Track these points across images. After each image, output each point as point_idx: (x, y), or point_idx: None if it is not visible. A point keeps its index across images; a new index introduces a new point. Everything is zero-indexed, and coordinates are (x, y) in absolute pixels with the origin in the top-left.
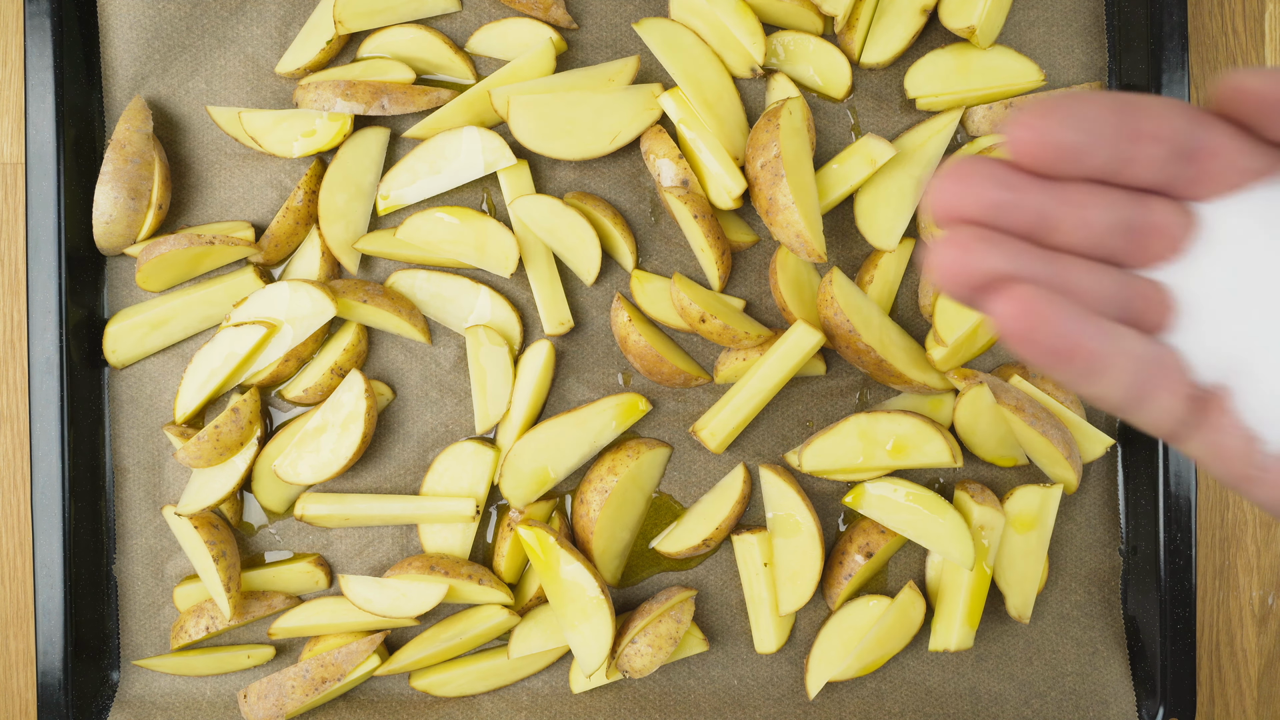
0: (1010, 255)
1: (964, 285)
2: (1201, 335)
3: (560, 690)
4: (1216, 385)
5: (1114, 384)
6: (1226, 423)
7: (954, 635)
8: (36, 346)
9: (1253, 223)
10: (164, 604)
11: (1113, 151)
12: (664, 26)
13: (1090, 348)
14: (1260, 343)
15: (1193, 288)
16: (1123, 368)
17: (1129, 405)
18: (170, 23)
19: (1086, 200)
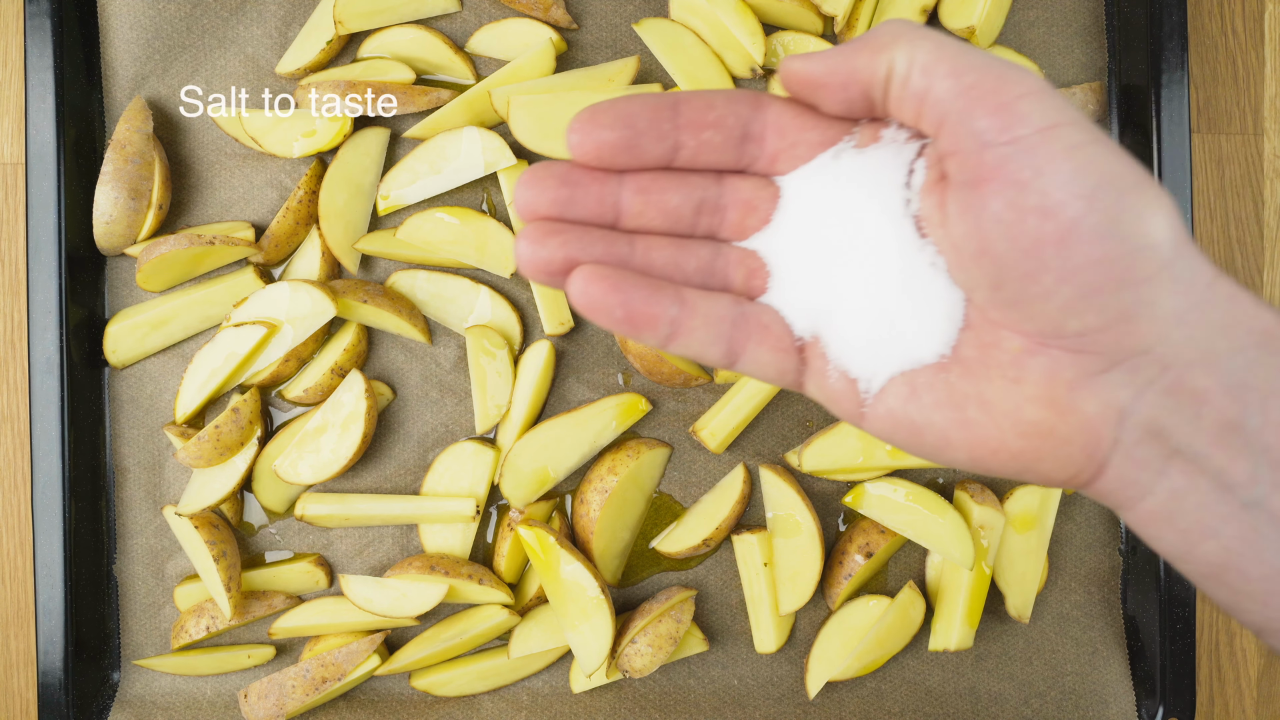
0: (574, 242)
1: (540, 272)
2: (792, 293)
3: (560, 690)
4: (813, 336)
5: (701, 344)
6: (828, 369)
7: (954, 635)
8: (37, 346)
9: (818, 186)
10: (164, 604)
11: (662, 142)
12: (664, 27)
13: (657, 313)
14: (836, 293)
15: (780, 251)
16: (706, 329)
17: (727, 361)
18: (170, 23)
19: (656, 186)
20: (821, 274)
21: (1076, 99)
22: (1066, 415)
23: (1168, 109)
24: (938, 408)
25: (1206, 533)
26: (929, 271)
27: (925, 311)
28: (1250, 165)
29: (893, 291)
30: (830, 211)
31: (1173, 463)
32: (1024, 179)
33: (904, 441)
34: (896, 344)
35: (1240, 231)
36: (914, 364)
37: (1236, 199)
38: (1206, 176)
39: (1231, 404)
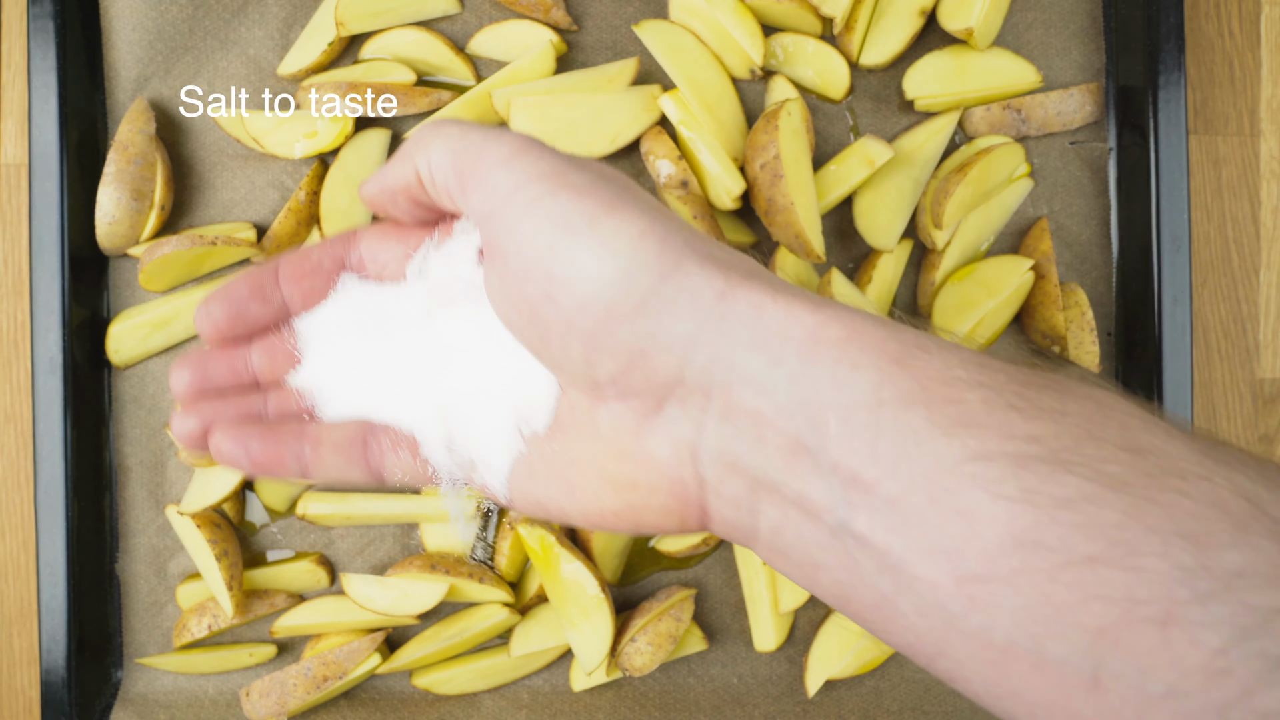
0: (209, 410)
1: (191, 443)
2: (337, 409)
3: (561, 688)
4: (447, 439)
5: (339, 470)
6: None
7: None
8: (40, 347)
9: (329, 321)
10: (166, 602)
11: (269, 304)
12: (664, 28)
13: (281, 455)
14: (373, 401)
15: (312, 380)
16: (337, 456)
17: (373, 479)
18: (173, 25)
19: (279, 343)
20: (428, 379)
21: (1074, 100)
22: (642, 463)
23: (1165, 110)
24: (550, 480)
25: (815, 564)
26: (514, 350)
27: (521, 391)
28: (1247, 166)
29: (491, 380)
30: (414, 318)
31: (760, 495)
32: (505, 246)
33: (547, 518)
34: (507, 429)
35: (1237, 232)
36: (524, 444)
37: (1233, 200)
38: (1203, 177)
39: (789, 423)
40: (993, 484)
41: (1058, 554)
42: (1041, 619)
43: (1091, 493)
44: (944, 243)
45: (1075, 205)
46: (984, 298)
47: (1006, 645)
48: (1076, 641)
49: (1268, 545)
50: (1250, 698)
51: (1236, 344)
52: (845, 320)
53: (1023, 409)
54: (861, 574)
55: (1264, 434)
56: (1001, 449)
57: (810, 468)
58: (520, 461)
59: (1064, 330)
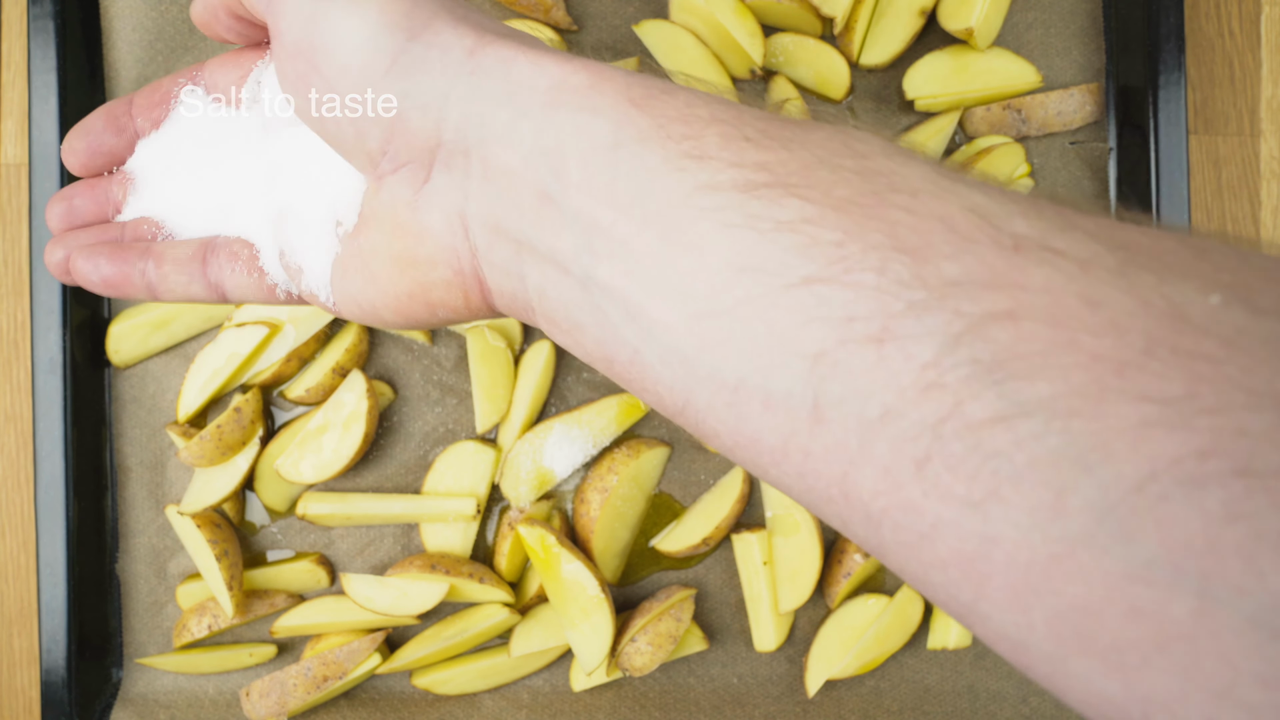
0: (71, 240)
1: (56, 271)
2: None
3: (561, 688)
4: (279, 248)
5: (182, 287)
6: (302, 277)
7: (952, 633)
8: (40, 347)
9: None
10: (166, 602)
11: (122, 134)
12: (664, 28)
13: (128, 272)
14: (213, 219)
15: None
16: (179, 272)
17: (215, 294)
18: (173, 25)
19: None
20: (261, 194)
21: (1074, 100)
22: (421, 237)
23: (1165, 110)
24: (358, 274)
25: (576, 325)
26: (320, 151)
27: (335, 194)
28: (1247, 166)
29: (312, 189)
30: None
31: (523, 257)
32: (280, 30)
33: (360, 317)
34: (324, 233)
35: (1237, 232)
36: (337, 244)
37: (1233, 200)
38: (1204, 177)
39: (537, 173)
40: (718, 213)
41: (777, 277)
42: (765, 350)
43: (814, 214)
44: None
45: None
46: None
47: (738, 384)
48: (798, 370)
49: (989, 254)
50: (961, 409)
51: None
52: (591, 70)
53: (758, 140)
54: (612, 327)
55: None
56: (730, 178)
57: (557, 218)
58: (336, 262)
59: None
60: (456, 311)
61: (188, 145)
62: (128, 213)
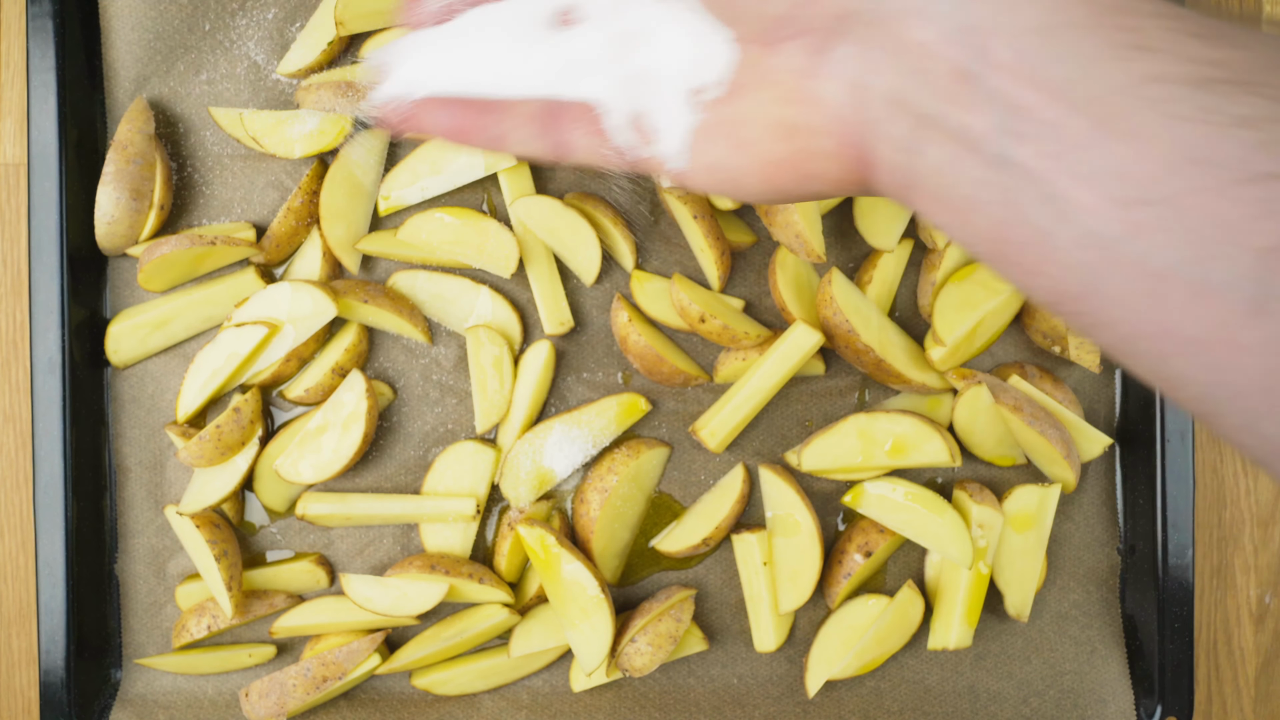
0: None
1: (396, 120)
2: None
3: (560, 689)
4: (629, 114)
5: (524, 142)
6: (648, 141)
7: (953, 634)
8: (39, 347)
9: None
10: (166, 603)
11: None
12: None
13: (482, 122)
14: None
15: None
16: (524, 127)
17: (559, 153)
18: (172, 24)
19: None
20: (617, 54)
21: None
22: (811, 106)
23: None
24: (723, 140)
25: (971, 205)
26: (697, 18)
27: (698, 60)
28: None
29: (671, 54)
30: None
31: (923, 133)
32: None
33: (714, 186)
34: (683, 98)
35: None
36: (700, 111)
37: None
38: None
39: (955, 51)
40: (1166, 104)
41: (1230, 171)
42: (1206, 240)
43: (1276, 113)
44: (944, 243)
45: None
46: (984, 298)
47: (1165, 272)
48: (1242, 263)
49: None
50: None
51: None
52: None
53: (1207, 37)
54: (1019, 208)
55: None
56: (1180, 71)
57: (973, 96)
58: (697, 129)
59: (1065, 330)
60: (829, 184)
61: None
62: (452, 75)
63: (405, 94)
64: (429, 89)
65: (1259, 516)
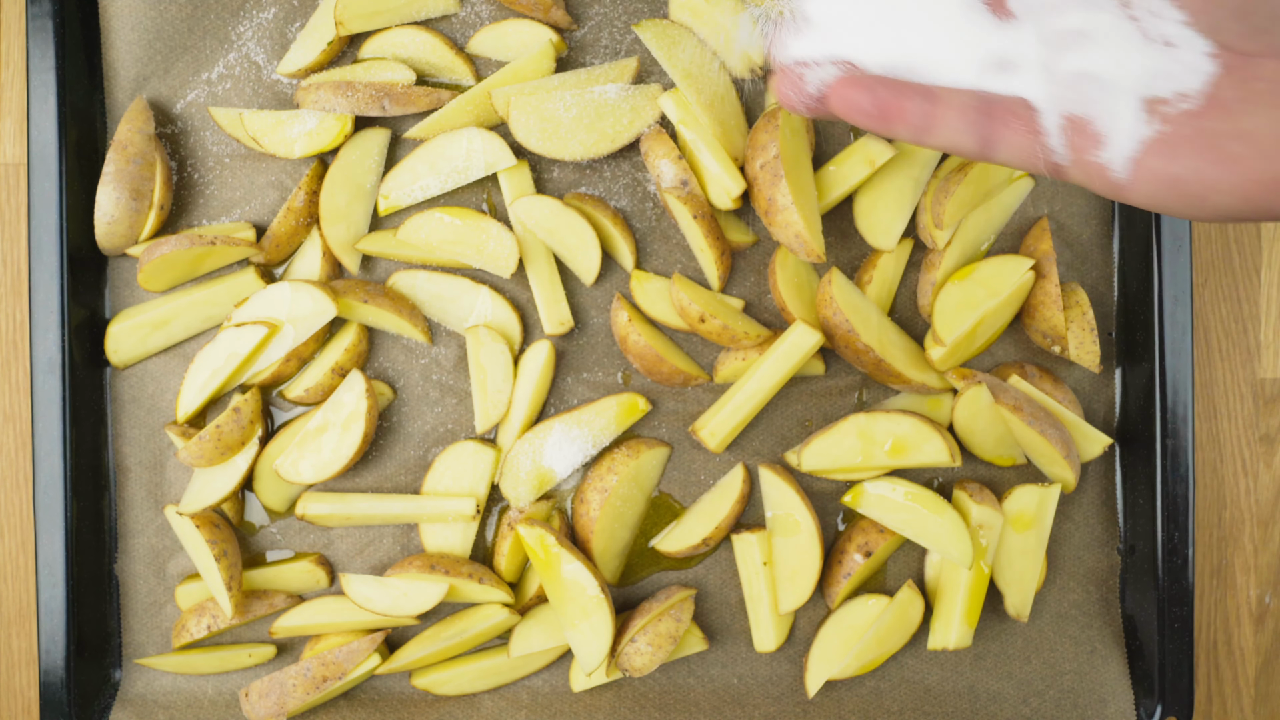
0: None
1: (799, 100)
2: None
3: (560, 689)
4: (1064, 116)
5: (953, 134)
6: (1089, 149)
7: (952, 634)
8: (39, 346)
9: None
10: (166, 603)
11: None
12: (663, 27)
13: (905, 105)
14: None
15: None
16: (957, 119)
17: (982, 149)
18: (172, 24)
19: None
20: (1057, 53)
21: None
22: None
23: None
24: (1196, 154)
25: None
26: (1167, 26)
27: (1164, 67)
28: None
29: (1129, 58)
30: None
31: None
32: None
33: (1166, 200)
34: (1138, 107)
35: (1238, 231)
36: (1161, 123)
37: None
38: None
39: None
40: None
41: None
42: None
43: None
44: (944, 242)
45: (1076, 205)
46: (984, 297)
47: None
48: None
49: None
50: None
51: (1237, 343)
52: None
53: None
54: None
55: (1265, 434)
56: None
57: None
58: (1154, 140)
59: (1065, 330)
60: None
61: None
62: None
63: (821, 58)
64: (851, 58)
65: (1259, 516)
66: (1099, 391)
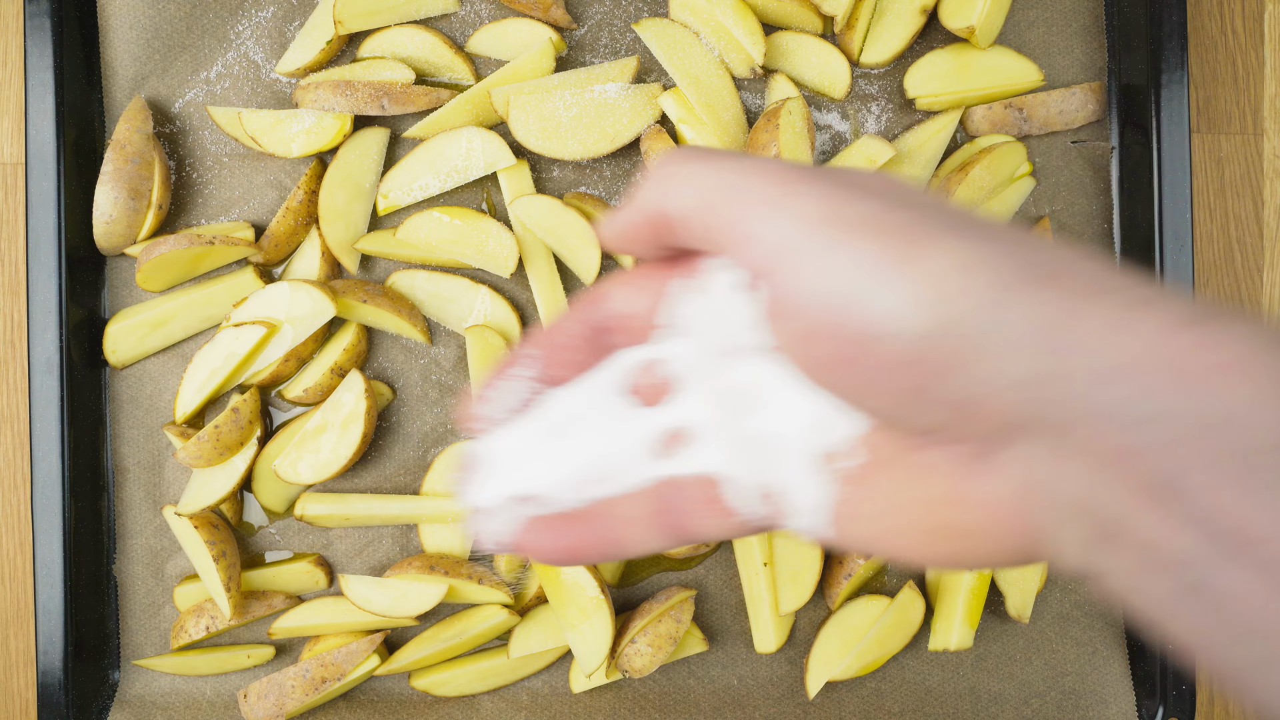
0: None
1: (494, 545)
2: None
3: (560, 690)
4: (758, 491)
5: (645, 542)
6: (781, 515)
7: (953, 635)
8: (37, 346)
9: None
10: (164, 604)
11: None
12: (664, 27)
13: (593, 540)
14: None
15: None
16: (640, 529)
17: (680, 541)
18: (170, 23)
19: None
20: (731, 428)
21: (1076, 98)
22: (969, 509)
23: (1167, 109)
24: (869, 522)
25: (1171, 614)
26: (811, 391)
27: (825, 431)
28: (1250, 165)
29: (792, 423)
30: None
31: (1105, 540)
32: (797, 303)
33: (873, 553)
34: (815, 471)
35: (1240, 231)
36: (836, 485)
37: (1236, 199)
38: (1206, 176)
39: (1155, 462)
40: None
41: None
42: None
43: None
44: None
45: (1077, 204)
46: None
47: None
48: None
49: None
50: None
51: None
52: (1227, 342)
53: None
54: (1227, 633)
55: None
56: None
57: (1172, 515)
58: (840, 503)
59: None
60: (990, 557)
61: (612, 394)
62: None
63: (503, 499)
64: (532, 492)
65: None
66: None
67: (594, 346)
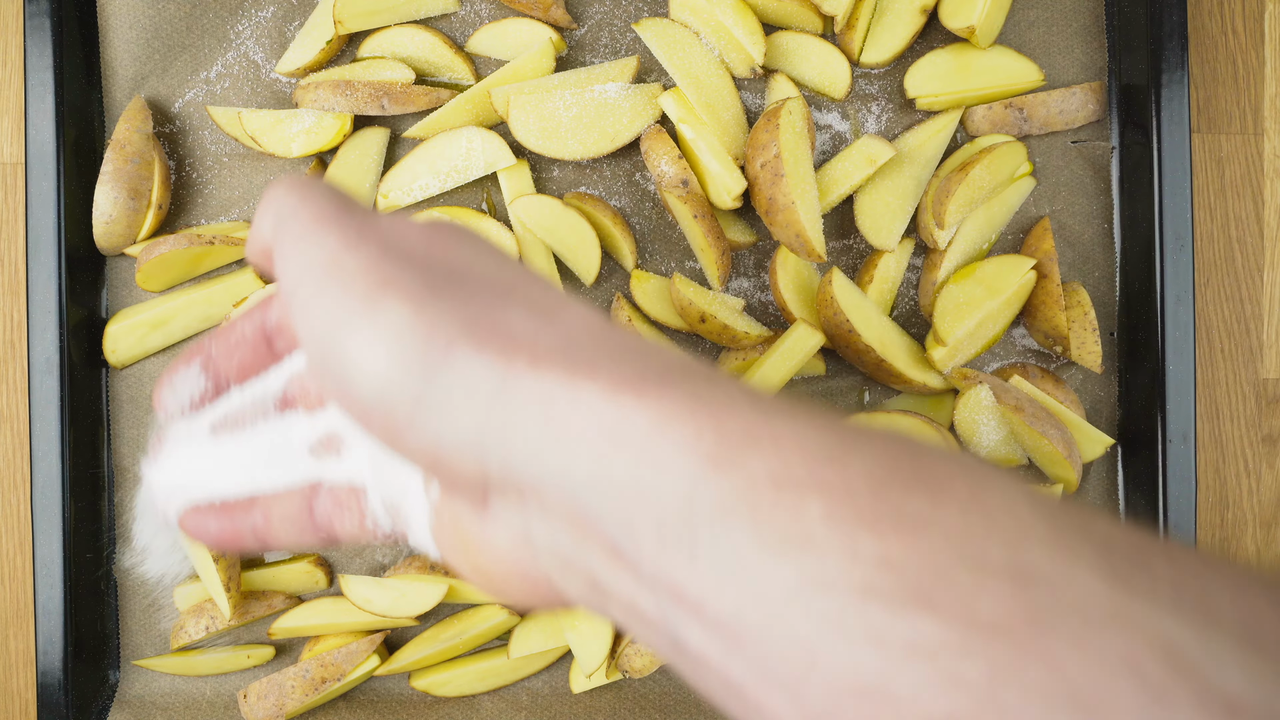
0: None
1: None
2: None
3: (560, 690)
4: (388, 502)
5: (291, 539)
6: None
7: None
8: (36, 346)
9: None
10: (164, 604)
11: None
12: (664, 26)
13: (240, 529)
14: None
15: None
16: (288, 525)
17: (329, 543)
18: (170, 23)
19: None
20: (369, 442)
21: (1077, 98)
22: (486, 550)
23: (1168, 108)
24: (452, 550)
25: (681, 669)
26: None
27: None
28: (1250, 165)
29: None
30: None
31: (600, 592)
32: (302, 340)
33: (474, 582)
34: (419, 492)
35: (1240, 231)
36: (432, 514)
37: (1236, 199)
38: (1206, 176)
39: (604, 527)
40: (832, 620)
41: (910, 706)
42: None
43: (954, 640)
44: (946, 242)
45: (1078, 204)
46: (986, 298)
47: None
48: None
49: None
50: None
51: (1240, 344)
52: (652, 405)
53: (875, 523)
54: (710, 688)
55: (1267, 434)
56: (844, 578)
57: (633, 578)
58: (434, 527)
59: (1066, 330)
60: (527, 599)
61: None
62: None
63: (166, 503)
64: (187, 497)
65: (1261, 518)
66: (1101, 392)
67: (268, 350)
